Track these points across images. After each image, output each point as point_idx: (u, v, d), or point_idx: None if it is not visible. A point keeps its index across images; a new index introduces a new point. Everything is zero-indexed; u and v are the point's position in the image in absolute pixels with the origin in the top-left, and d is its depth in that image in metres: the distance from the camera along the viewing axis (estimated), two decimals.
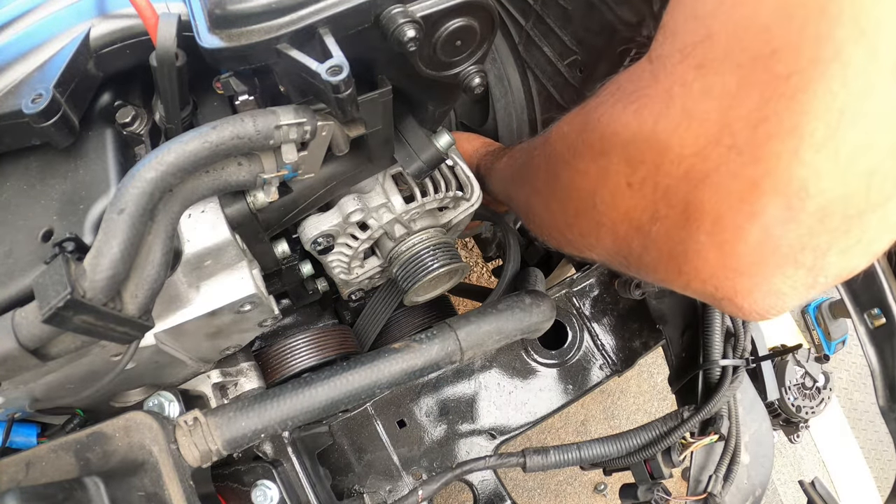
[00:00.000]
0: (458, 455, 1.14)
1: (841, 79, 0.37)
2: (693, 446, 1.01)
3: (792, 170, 0.40)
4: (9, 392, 0.65)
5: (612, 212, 0.54)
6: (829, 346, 2.75)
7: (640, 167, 0.49)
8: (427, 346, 0.80)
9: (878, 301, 1.05)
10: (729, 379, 1.01)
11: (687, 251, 0.48)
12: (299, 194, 0.74)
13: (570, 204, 0.61)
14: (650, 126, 0.48)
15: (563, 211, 0.63)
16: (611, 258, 0.60)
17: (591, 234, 0.60)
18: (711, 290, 0.49)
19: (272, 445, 0.96)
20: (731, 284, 0.47)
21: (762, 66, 0.40)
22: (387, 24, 0.54)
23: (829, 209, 0.41)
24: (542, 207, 0.70)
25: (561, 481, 2.33)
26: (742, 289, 0.47)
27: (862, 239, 0.43)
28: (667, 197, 0.48)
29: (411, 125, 0.78)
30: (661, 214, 0.49)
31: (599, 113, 0.54)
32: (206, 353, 0.83)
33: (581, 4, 0.97)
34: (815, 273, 0.45)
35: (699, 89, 0.44)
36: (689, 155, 0.45)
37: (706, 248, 0.46)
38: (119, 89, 0.67)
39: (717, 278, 0.47)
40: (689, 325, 1.13)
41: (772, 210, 0.42)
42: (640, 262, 0.55)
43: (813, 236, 0.42)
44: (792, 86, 0.39)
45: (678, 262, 0.49)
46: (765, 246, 0.43)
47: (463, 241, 2.51)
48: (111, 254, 0.51)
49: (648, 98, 0.48)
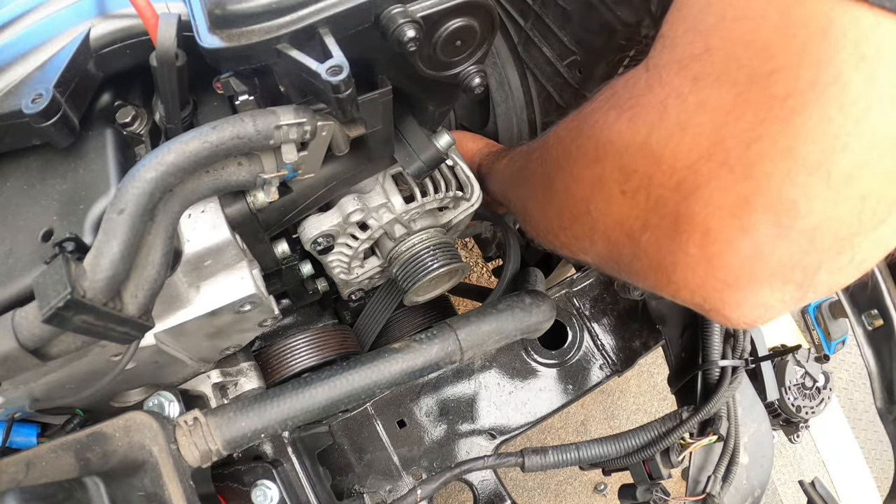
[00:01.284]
0: (458, 455, 1.14)
1: (838, 104, 0.37)
2: (692, 447, 1.01)
3: (783, 190, 0.40)
4: (9, 392, 0.65)
5: (605, 218, 0.54)
6: (829, 346, 2.75)
7: (633, 176, 0.49)
8: (427, 346, 0.80)
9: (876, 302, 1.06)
10: (728, 379, 1.01)
11: (676, 262, 0.47)
12: (299, 194, 0.74)
13: (566, 208, 0.61)
14: (643, 136, 0.47)
15: (558, 215, 0.63)
16: (603, 263, 0.61)
17: (585, 239, 0.60)
18: (700, 301, 0.49)
19: (272, 445, 0.96)
20: (719, 296, 0.47)
21: (760, 86, 0.40)
22: (387, 24, 0.55)
23: (821, 230, 0.41)
24: (539, 210, 0.70)
25: (561, 481, 2.33)
26: (730, 301, 0.47)
27: (854, 259, 0.43)
28: (658, 207, 0.48)
29: (411, 125, 0.78)
30: (653, 224, 0.49)
31: (594, 119, 0.54)
32: (206, 353, 0.84)
33: (580, 5, 0.97)
34: (805, 289, 0.45)
35: (694, 102, 0.44)
36: (682, 167, 0.45)
37: (695, 260, 0.46)
38: (119, 89, 0.67)
39: (704, 289, 0.47)
40: (689, 325, 1.13)
41: (762, 227, 0.41)
42: (631, 269, 0.55)
43: (804, 255, 0.42)
44: (788, 108, 0.39)
45: (667, 271, 0.49)
46: (754, 261, 0.43)
47: (463, 241, 2.51)
48: (111, 254, 0.51)
49: (643, 108, 0.48)
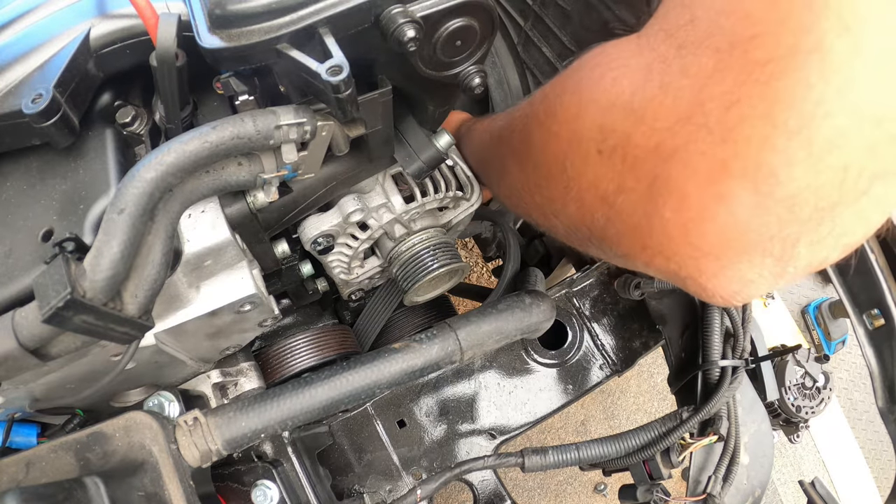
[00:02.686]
0: (458, 455, 1.14)
1: (819, 71, 0.37)
2: (692, 447, 1.01)
3: (762, 155, 0.40)
4: (9, 392, 0.65)
5: (580, 178, 0.54)
6: (829, 346, 2.75)
7: (612, 135, 0.49)
8: (427, 346, 0.80)
9: (877, 302, 1.05)
10: (728, 379, 1.01)
11: (652, 226, 0.47)
12: (299, 194, 0.74)
13: (542, 166, 0.61)
14: (627, 96, 0.48)
15: (535, 172, 0.63)
16: (574, 228, 0.60)
17: (558, 200, 0.59)
18: (675, 268, 0.48)
19: (272, 445, 0.96)
20: (696, 264, 0.46)
21: (740, 51, 0.40)
22: (387, 24, 0.55)
23: (800, 199, 0.40)
24: (517, 168, 0.69)
25: (561, 481, 2.33)
26: (706, 270, 0.46)
27: (833, 231, 0.42)
28: (635, 169, 0.48)
29: (411, 125, 0.78)
30: (628, 186, 0.49)
31: (579, 77, 0.54)
32: (206, 353, 0.84)
33: (580, 5, 0.97)
34: (784, 263, 0.44)
35: (678, 67, 0.44)
36: (661, 129, 0.45)
37: (670, 225, 0.45)
38: (119, 89, 0.67)
39: (679, 256, 0.47)
40: (689, 325, 1.12)
41: (740, 194, 0.41)
42: (604, 235, 0.55)
43: (782, 225, 0.42)
44: (767, 72, 0.39)
45: (642, 236, 0.49)
46: (731, 230, 0.43)
47: (463, 241, 2.51)
48: (111, 254, 0.51)
49: (628, 69, 0.49)
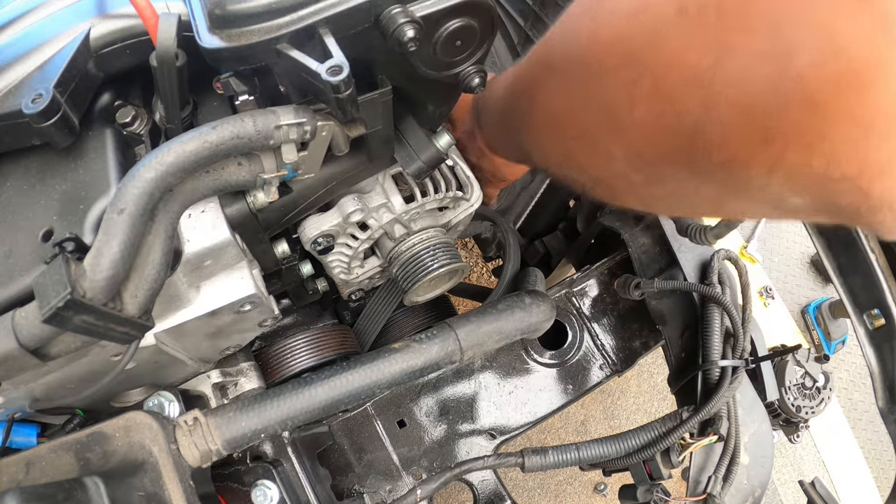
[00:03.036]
0: (458, 455, 1.14)
1: None
2: (692, 447, 1.01)
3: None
4: (9, 392, 0.65)
5: (653, 63, 0.42)
6: (829, 346, 2.75)
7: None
8: (427, 346, 0.80)
9: (878, 302, 1.05)
10: (728, 379, 1.01)
11: (779, 96, 0.33)
12: (299, 194, 0.74)
13: (591, 67, 0.49)
14: None
15: (582, 85, 0.52)
16: (648, 142, 0.45)
17: (622, 104, 0.46)
18: (820, 167, 0.33)
19: (272, 445, 0.96)
20: (855, 149, 0.32)
21: None
22: (387, 24, 0.54)
23: None
24: (557, 88, 0.58)
25: (561, 481, 2.33)
26: (875, 158, 0.32)
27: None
28: (744, 16, 0.34)
29: (411, 125, 0.78)
30: (735, 45, 0.35)
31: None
32: (206, 353, 0.84)
33: None
34: None
35: None
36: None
37: (812, 86, 0.31)
38: (119, 89, 0.67)
39: (831, 138, 0.32)
40: (689, 325, 1.12)
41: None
42: (696, 136, 0.40)
43: None
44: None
45: (765, 116, 0.34)
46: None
47: (463, 241, 2.51)
48: (111, 254, 0.51)
49: None
